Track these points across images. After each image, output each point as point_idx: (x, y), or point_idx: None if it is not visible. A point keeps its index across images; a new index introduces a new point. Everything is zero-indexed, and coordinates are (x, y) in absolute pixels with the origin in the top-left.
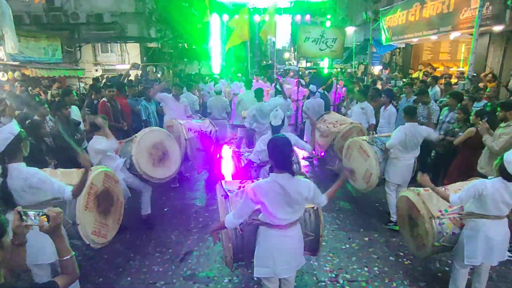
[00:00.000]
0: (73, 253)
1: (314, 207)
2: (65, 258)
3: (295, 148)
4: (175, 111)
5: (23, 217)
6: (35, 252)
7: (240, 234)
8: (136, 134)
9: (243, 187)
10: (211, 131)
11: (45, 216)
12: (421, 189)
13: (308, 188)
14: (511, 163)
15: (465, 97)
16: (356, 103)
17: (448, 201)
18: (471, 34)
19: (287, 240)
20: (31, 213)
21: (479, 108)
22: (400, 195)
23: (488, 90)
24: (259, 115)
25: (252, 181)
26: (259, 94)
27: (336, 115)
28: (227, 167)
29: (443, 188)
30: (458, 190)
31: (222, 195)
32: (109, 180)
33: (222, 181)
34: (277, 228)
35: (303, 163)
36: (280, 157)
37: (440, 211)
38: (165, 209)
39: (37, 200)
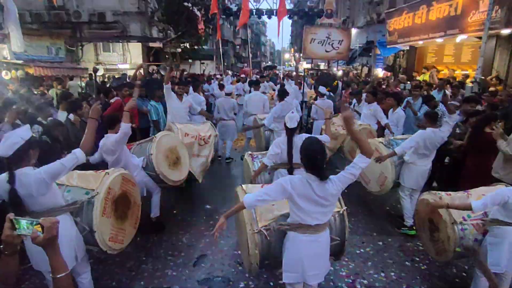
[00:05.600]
0: (69, 270)
1: (339, 211)
2: (59, 276)
3: None
4: (176, 111)
5: (16, 225)
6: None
7: (266, 241)
8: (155, 135)
9: None
10: (210, 136)
11: (39, 225)
12: (443, 193)
13: (334, 184)
14: None
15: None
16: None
17: (470, 209)
18: (478, 37)
19: (317, 246)
20: (23, 221)
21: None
22: (421, 198)
23: (498, 93)
24: (276, 120)
25: None
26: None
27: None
28: (239, 169)
29: (466, 193)
30: (482, 196)
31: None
32: (127, 183)
33: (243, 185)
34: (307, 233)
35: None
36: (312, 161)
37: (463, 217)
38: (174, 212)
39: (48, 205)
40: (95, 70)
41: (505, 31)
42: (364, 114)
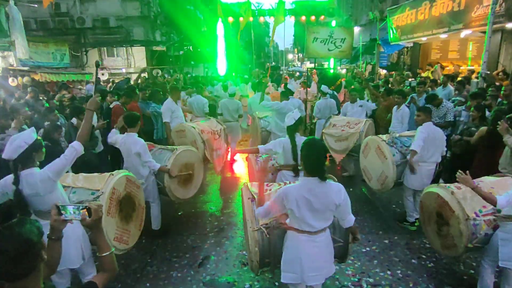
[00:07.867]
0: (113, 248)
1: None
2: (105, 254)
3: None
4: (178, 115)
5: (62, 211)
6: None
7: (267, 238)
8: (176, 146)
9: (270, 189)
10: (220, 129)
11: (85, 209)
12: (453, 186)
13: (339, 192)
14: None
15: (488, 97)
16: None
17: (495, 205)
18: (482, 32)
19: (316, 245)
20: (70, 207)
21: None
22: (429, 190)
23: (503, 88)
24: (276, 116)
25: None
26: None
27: (342, 117)
28: (243, 169)
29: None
30: (492, 189)
31: (248, 198)
32: (131, 185)
33: (248, 184)
34: (306, 233)
35: None
36: (313, 161)
37: (475, 213)
38: (179, 213)
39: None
40: (97, 64)
41: (510, 25)
42: (352, 112)
